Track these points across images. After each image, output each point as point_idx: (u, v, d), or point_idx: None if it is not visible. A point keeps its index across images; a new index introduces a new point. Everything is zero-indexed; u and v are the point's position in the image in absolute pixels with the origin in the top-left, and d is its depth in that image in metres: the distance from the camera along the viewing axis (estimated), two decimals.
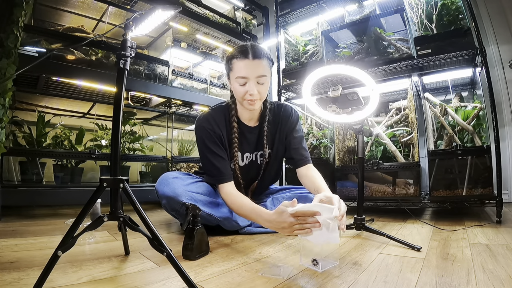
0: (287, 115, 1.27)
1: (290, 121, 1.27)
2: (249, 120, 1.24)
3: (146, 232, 0.66)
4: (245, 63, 1.04)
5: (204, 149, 1.15)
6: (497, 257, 0.86)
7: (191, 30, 2.50)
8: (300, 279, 0.73)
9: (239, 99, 1.12)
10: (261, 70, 1.05)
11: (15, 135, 1.71)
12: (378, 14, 1.95)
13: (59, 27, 1.96)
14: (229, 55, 1.10)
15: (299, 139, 1.26)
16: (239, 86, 1.07)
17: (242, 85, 1.06)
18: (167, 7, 0.84)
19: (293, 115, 1.28)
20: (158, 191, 1.22)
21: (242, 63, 1.04)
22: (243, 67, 1.04)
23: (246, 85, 1.06)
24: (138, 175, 2.42)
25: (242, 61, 1.04)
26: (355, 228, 1.12)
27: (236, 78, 1.06)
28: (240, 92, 1.07)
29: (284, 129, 1.26)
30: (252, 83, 1.05)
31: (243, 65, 1.04)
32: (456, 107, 1.74)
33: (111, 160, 0.71)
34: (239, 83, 1.06)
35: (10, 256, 0.84)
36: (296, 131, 1.27)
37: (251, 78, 1.04)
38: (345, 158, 2.03)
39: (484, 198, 1.47)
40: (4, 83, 1.17)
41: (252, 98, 1.06)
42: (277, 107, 1.27)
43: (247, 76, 1.04)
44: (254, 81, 1.05)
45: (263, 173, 1.33)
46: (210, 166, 1.15)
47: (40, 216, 1.61)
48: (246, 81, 1.05)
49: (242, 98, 1.09)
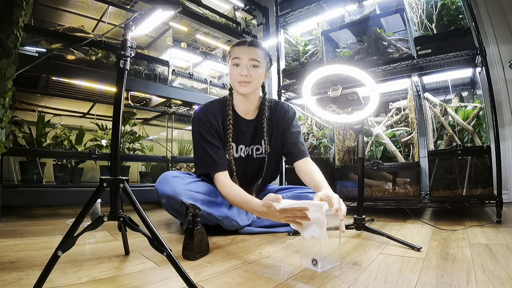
0: (284, 111, 1.32)
1: (287, 117, 1.31)
2: (245, 113, 1.28)
3: (146, 232, 0.66)
4: (241, 48, 1.18)
5: (200, 139, 1.19)
6: (497, 257, 0.86)
7: (191, 30, 2.50)
8: (300, 279, 0.73)
9: (233, 83, 1.20)
10: (254, 54, 1.16)
11: (15, 135, 1.71)
12: (378, 14, 1.95)
13: (59, 27, 1.96)
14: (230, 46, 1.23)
15: (296, 134, 1.30)
16: (233, 68, 1.18)
17: (236, 65, 1.17)
18: (167, 7, 0.84)
19: (289, 111, 1.33)
20: (158, 190, 1.22)
21: (239, 48, 1.18)
22: (238, 50, 1.18)
23: (239, 66, 1.16)
24: (138, 175, 2.42)
25: (240, 47, 1.18)
26: (355, 228, 1.12)
27: (232, 59, 1.18)
28: (233, 74, 1.18)
29: (281, 125, 1.31)
30: (245, 64, 1.15)
31: (239, 49, 1.18)
32: (456, 107, 1.74)
33: (111, 160, 0.71)
34: (233, 63, 1.17)
35: (10, 256, 0.84)
36: (293, 126, 1.31)
37: (244, 60, 1.15)
38: (345, 158, 2.03)
39: (484, 198, 1.47)
40: (4, 83, 1.17)
41: (243, 79, 1.15)
42: (274, 104, 1.33)
43: (240, 56, 1.16)
44: (247, 63, 1.15)
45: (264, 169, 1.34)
46: (205, 156, 1.18)
47: (40, 216, 1.61)
48: (239, 62, 1.16)
49: (235, 81, 1.17)
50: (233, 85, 1.21)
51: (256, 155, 1.31)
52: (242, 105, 1.27)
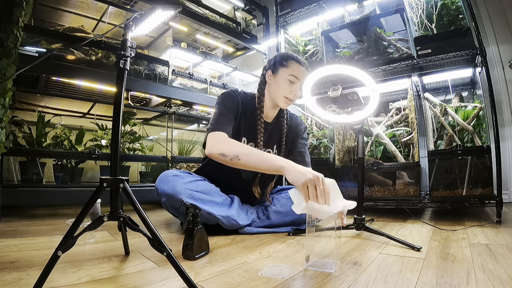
0: (297, 123, 1.44)
1: (299, 128, 1.43)
2: (265, 116, 1.34)
3: (146, 232, 0.66)
4: (301, 69, 1.25)
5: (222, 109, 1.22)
6: (497, 257, 0.86)
7: (191, 30, 2.50)
8: (300, 279, 0.73)
9: (278, 95, 1.26)
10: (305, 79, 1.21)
11: (15, 135, 1.70)
12: (378, 14, 1.96)
13: (59, 27, 1.96)
14: (285, 55, 1.28)
15: (304, 145, 1.41)
16: (287, 83, 1.24)
17: (292, 82, 1.24)
18: (167, 7, 0.84)
19: (302, 125, 1.46)
20: (158, 189, 1.22)
21: (300, 67, 1.24)
22: (300, 70, 1.24)
23: (294, 85, 1.24)
24: (138, 175, 2.42)
25: (300, 66, 1.25)
26: (355, 228, 1.12)
27: (290, 75, 1.23)
28: (286, 88, 1.24)
29: (292, 133, 1.40)
30: (299, 85, 1.24)
31: (300, 69, 1.24)
32: (456, 107, 1.74)
33: (111, 160, 0.71)
34: (289, 80, 1.23)
35: (10, 256, 0.84)
36: (303, 138, 1.43)
37: (301, 82, 1.23)
38: (345, 158, 2.03)
39: (484, 198, 1.47)
40: (4, 83, 1.17)
41: (293, 98, 1.24)
42: (289, 115, 1.43)
43: (299, 78, 1.23)
44: (300, 86, 1.23)
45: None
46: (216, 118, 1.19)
47: (40, 216, 1.61)
48: (295, 81, 1.23)
49: (283, 95, 1.24)
50: (277, 96, 1.26)
51: None
52: (269, 111, 1.34)
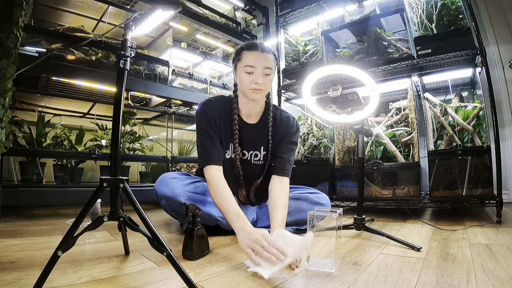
0: (289, 124, 1.27)
1: (289, 130, 1.26)
2: (247, 116, 1.24)
3: (146, 232, 0.66)
4: (255, 54, 1.12)
5: (200, 131, 1.17)
6: (497, 257, 0.86)
7: (191, 30, 2.50)
8: (300, 279, 0.73)
9: (244, 89, 1.16)
10: (267, 62, 1.12)
11: (15, 135, 1.70)
12: (378, 14, 1.96)
13: (59, 27, 1.96)
14: (238, 48, 1.18)
15: (289, 150, 1.24)
16: (246, 75, 1.13)
17: (249, 73, 1.13)
18: (167, 7, 0.84)
19: (294, 125, 1.28)
20: (157, 192, 1.22)
21: (252, 54, 1.13)
22: (252, 57, 1.12)
23: (253, 74, 1.12)
24: (138, 175, 2.42)
25: (252, 52, 1.13)
26: (355, 228, 1.12)
27: (245, 66, 1.13)
28: (247, 81, 1.13)
29: (280, 135, 1.25)
30: (259, 72, 1.12)
31: (252, 56, 1.12)
32: (456, 107, 1.74)
33: (111, 160, 0.71)
34: (246, 71, 1.13)
35: (10, 256, 0.84)
36: (291, 142, 1.25)
37: (258, 68, 1.11)
38: (345, 158, 2.03)
39: (484, 198, 1.47)
40: (4, 83, 1.17)
41: (257, 87, 1.12)
42: (280, 115, 1.28)
43: (255, 65, 1.11)
44: (261, 72, 1.12)
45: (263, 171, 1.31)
46: (201, 148, 1.16)
47: (40, 216, 1.61)
48: (253, 70, 1.12)
49: (247, 88, 1.14)
50: (243, 90, 1.16)
51: (254, 161, 1.28)
52: (247, 108, 1.23)
